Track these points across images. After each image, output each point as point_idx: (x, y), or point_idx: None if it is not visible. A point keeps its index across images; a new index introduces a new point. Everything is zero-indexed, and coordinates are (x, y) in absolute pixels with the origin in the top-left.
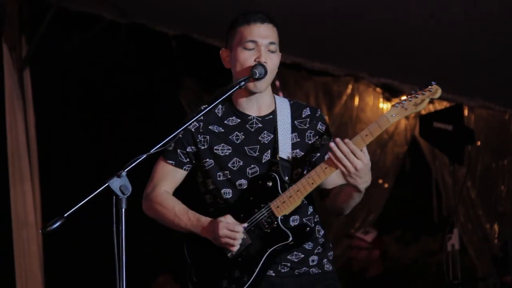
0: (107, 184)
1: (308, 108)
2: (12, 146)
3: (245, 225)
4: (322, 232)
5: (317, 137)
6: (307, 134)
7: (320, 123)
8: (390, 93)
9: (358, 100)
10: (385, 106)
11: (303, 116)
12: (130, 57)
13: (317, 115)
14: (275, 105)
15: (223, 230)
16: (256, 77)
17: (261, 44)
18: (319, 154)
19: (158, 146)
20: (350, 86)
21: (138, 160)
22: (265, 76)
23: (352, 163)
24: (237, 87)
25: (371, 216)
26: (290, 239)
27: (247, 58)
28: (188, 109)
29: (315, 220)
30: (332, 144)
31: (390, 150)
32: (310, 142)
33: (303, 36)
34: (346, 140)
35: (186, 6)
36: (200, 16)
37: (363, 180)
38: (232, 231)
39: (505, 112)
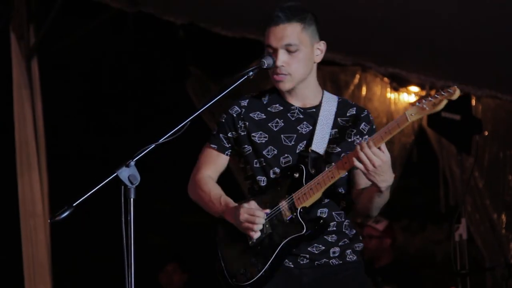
0: (116, 173)
1: (355, 108)
2: (19, 135)
3: (268, 211)
4: (353, 229)
5: (358, 136)
6: (347, 131)
7: (364, 123)
8: (397, 83)
9: (365, 90)
10: (392, 96)
11: (348, 114)
12: (137, 46)
13: (363, 115)
14: (322, 99)
15: (243, 215)
16: (264, 67)
17: (277, 48)
18: None
19: (166, 136)
20: (357, 76)
21: (147, 150)
22: (286, 76)
23: (370, 160)
24: (245, 77)
25: None
26: (304, 230)
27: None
28: (194, 97)
29: (347, 216)
30: (357, 143)
31: (397, 140)
32: (350, 140)
33: None
34: (367, 140)
35: None
36: (208, 5)
37: (382, 178)
38: (253, 215)
39: None
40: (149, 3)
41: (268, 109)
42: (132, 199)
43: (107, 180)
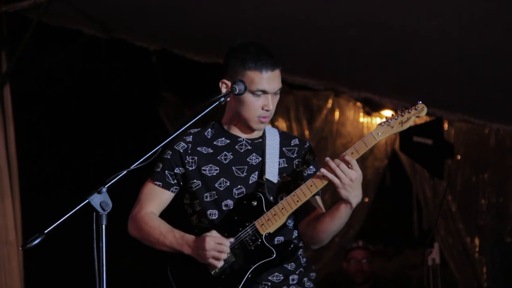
0: (87, 200)
1: (296, 139)
2: None
3: (232, 240)
4: (305, 258)
5: (304, 166)
6: (294, 162)
7: (308, 153)
8: (370, 107)
9: (338, 115)
10: (365, 120)
11: (292, 144)
12: (110, 71)
13: (306, 146)
14: (264, 131)
15: (210, 243)
16: (236, 93)
17: (269, 93)
18: (304, 182)
19: (138, 162)
20: (330, 101)
21: (119, 176)
22: (269, 118)
23: (346, 174)
24: (217, 103)
25: (351, 231)
26: (274, 255)
27: (256, 106)
28: (168, 123)
29: (300, 244)
30: (327, 158)
31: (370, 164)
32: (298, 169)
33: (284, 50)
34: (341, 155)
35: (166, 21)
36: (180, 31)
37: (356, 194)
38: (219, 244)
39: (485, 126)
40: (121, 29)
41: (214, 143)
42: (104, 226)
43: (78, 206)
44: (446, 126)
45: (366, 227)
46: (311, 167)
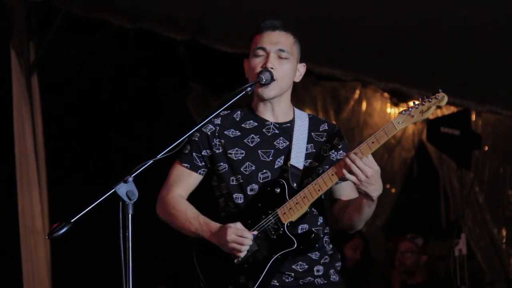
0: (113, 189)
1: (326, 123)
2: (19, 152)
3: (255, 232)
4: (331, 244)
5: (333, 150)
6: (323, 147)
7: (337, 138)
8: (397, 98)
9: (365, 105)
10: (392, 111)
11: (321, 129)
12: (137, 62)
13: (335, 130)
14: (294, 115)
15: (231, 235)
16: (262, 82)
17: (269, 51)
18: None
19: (164, 152)
20: (357, 91)
21: (145, 166)
22: (272, 82)
23: (362, 171)
24: (244, 92)
25: (377, 221)
26: (295, 245)
27: (256, 64)
28: (195, 114)
29: (325, 231)
30: (343, 154)
31: (397, 155)
32: (325, 154)
33: (311, 42)
34: (355, 150)
35: (194, 12)
36: (208, 21)
37: (375, 188)
38: (241, 236)
39: None
40: (149, 20)
41: (242, 125)
42: (130, 215)
43: (104, 196)
44: (473, 117)
45: (392, 218)
46: (340, 152)
